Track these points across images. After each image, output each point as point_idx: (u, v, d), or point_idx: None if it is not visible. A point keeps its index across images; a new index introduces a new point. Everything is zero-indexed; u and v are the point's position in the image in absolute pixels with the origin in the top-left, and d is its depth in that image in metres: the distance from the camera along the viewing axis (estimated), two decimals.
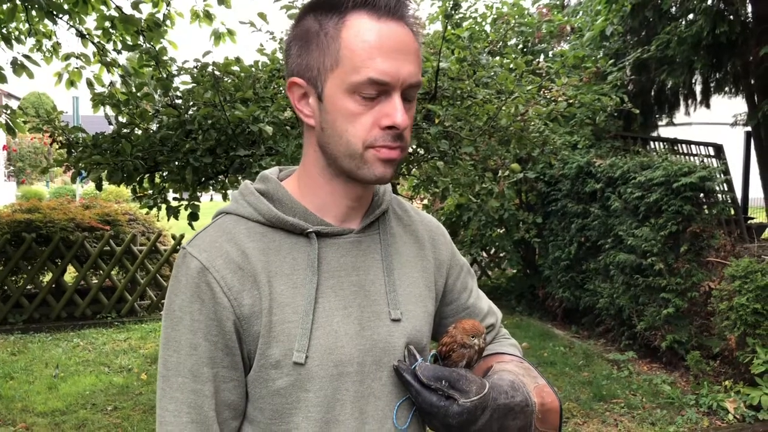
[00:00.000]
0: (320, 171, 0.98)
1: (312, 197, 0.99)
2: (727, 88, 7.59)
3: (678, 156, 7.40)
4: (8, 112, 4.67)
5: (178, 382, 0.91)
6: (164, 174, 3.58)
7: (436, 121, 3.64)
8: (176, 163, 3.37)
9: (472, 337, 1.00)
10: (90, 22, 5.17)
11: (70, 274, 7.55)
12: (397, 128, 0.90)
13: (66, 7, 4.77)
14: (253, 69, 3.67)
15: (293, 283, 0.93)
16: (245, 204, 0.99)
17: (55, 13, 4.75)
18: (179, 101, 3.51)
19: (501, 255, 8.23)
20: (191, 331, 0.91)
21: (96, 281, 7.04)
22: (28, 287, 6.83)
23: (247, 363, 0.94)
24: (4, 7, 4.76)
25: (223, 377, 0.92)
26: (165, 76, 3.45)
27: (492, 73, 3.96)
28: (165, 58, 3.54)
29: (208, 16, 5.46)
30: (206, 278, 0.90)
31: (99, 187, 3.51)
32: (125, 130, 3.45)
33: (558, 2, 9.17)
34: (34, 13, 4.93)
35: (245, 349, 0.93)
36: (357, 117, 0.90)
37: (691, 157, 7.67)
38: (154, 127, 3.59)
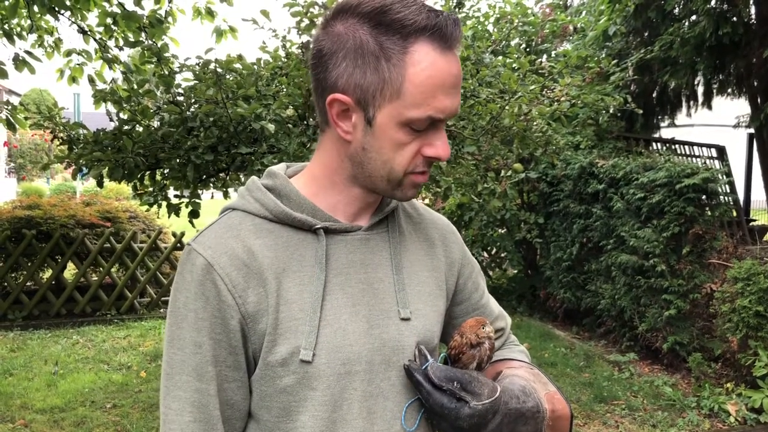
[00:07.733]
0: (343, 179, 0.97)
1: (324, 198, 0.98)
2: (729, 90, 7.56)
3: (680, 157, 7.38)
4: (9, 107, 4.67)
5: (182, 381, 0.90)
6: (165, 171, 3.56)
7: None
8: (177, 160, 3.35)
9: (483, 328, 0.97)
10: (92, 18, 5.19)
11: (70, 271, 7.54)
12: (440, 159, 0.92)
13: (68, 3, 4.77)
14: (256, 66, 3.65)
15: (300, 280, 0.92)
16: (252, 200, 0.97)
17: (56, 9, 4.74)
18: (181, 98, 3.49)
19: (502, 255, 8.21)
20: (195, 330, 0.89)
21: (96, 278, 7.03)
22: (28, 284, 6.82)
23: (252, 362, 0.93)
24: (6, 2, 4.76)
25: (226, 377, 0.91)
26: (167, 72, 3.43)
27: (495, 73, 3.94)
28: (167, 54, 3.52)
29: (210, 13, 5.46)
30: (211, 276, 0.89)
31: (100, 184, 3.50)
32: (126, 127, 3.43)
33: (561, 2, 9.15)
34: (36, 8, 4.92)
35: (250, 348, 0.92)
36: (404, 146, 0.91)
37: (694, 159, 7.65)
38: (155, 124, 3.57)
